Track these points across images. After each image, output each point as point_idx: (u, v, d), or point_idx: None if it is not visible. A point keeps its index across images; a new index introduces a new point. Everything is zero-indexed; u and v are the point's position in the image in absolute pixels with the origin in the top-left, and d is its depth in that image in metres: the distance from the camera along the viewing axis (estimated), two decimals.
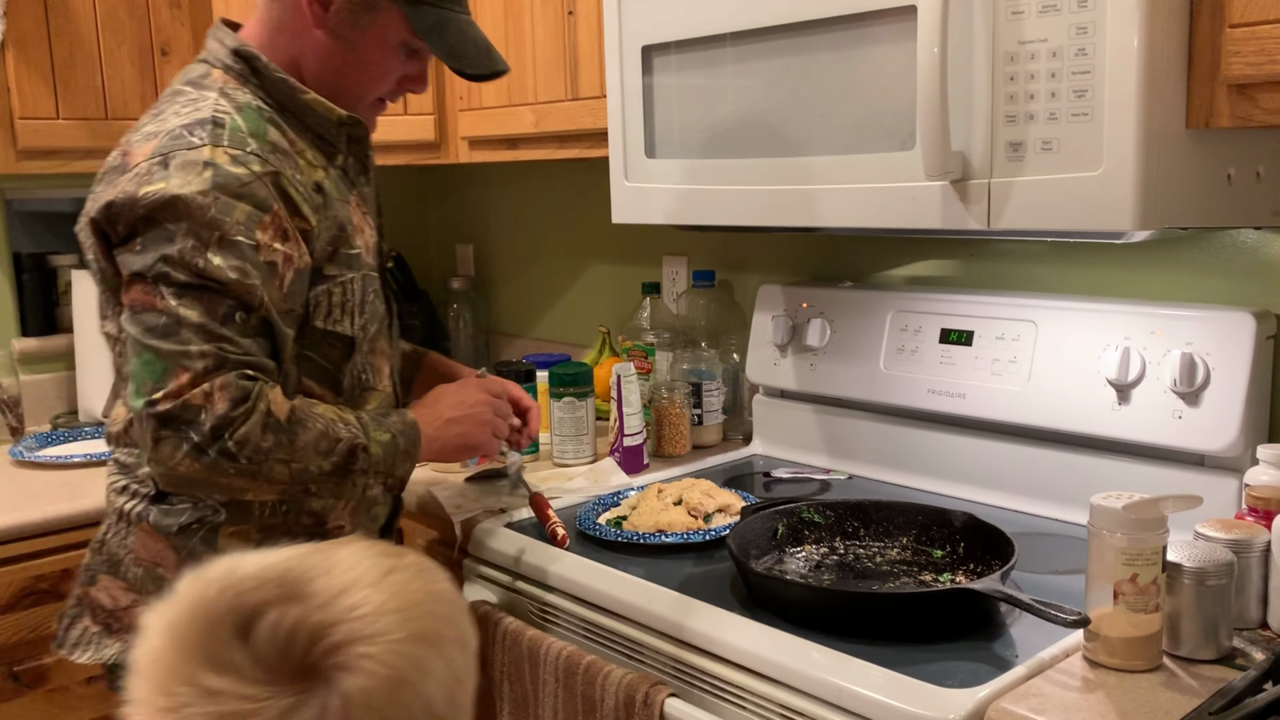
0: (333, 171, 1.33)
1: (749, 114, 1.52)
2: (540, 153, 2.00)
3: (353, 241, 1.32)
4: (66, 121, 2.10)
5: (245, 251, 1.18)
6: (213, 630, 0.60)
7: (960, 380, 1.64)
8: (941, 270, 1.81)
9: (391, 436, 1.28)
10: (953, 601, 1.21)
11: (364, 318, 1.33)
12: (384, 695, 0.60)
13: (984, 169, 1.26)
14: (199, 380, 1.15)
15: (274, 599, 0.61)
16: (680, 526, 1.52)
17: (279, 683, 0.59)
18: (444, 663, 0.64)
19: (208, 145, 1.19)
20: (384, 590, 0.63)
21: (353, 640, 0.60)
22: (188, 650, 0.60)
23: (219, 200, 1.17)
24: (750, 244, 2.12)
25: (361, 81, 1.32)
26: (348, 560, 0.64)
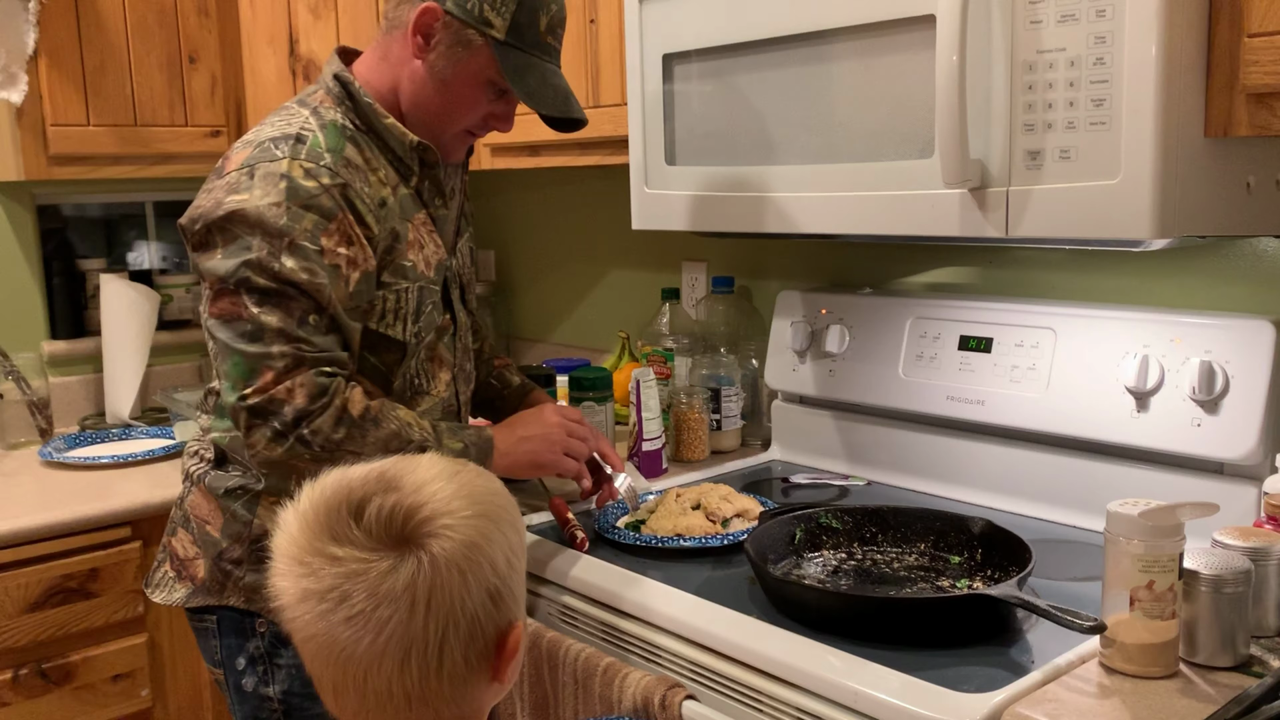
0: (403, 190, 1.43)
1: (768, 121, 1.54)
2: (561, 159, 2.02)
3: (406, 254, 1.41)
4: (97, 128, 2.14)
5: (311, 255, 1.30)
6: (333, 514, 0.80)
7: (979, 387, 1.64)
8: (961, 277, 1.82)
9: (464, 446, 1.39)
10: (969, 607, 1.22)
11: (418, 325, 1.44)
12: (460, 554, 0.80)
13: (1002, 177, 1.26)
14: (281, 378, 1.29)
15: (376, 490, 0.81)
16: (698, 531, 1.53)
17: (383, 549, 0.79)
18: (502, 535, 0.83)
19: (286, 159, 1.33)
20: (455, 483, 0.83)
21: (435, 516, 0.80)
22: (316, 530, 0.80)
23: (290, 209, 1.30)
24: (769, 250, 2.13)
25: (449, 112, 1.42)
26: (426, 463, 0.85)
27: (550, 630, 1.43)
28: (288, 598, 0.80)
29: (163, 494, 1.93)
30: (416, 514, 0.79)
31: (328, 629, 0.78)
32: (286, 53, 2.24)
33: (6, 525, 1.77)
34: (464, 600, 0.79)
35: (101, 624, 1.87)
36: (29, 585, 1.79)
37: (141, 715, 1.93)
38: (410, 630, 0.78)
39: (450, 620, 0.79)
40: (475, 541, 0.80)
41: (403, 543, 0.79)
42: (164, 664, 1.95)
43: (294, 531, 0.81)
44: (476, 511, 0.82)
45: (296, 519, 0.81)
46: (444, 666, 0.79)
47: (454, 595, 0.79)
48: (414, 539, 0.79)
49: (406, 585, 0.77)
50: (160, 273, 2.67)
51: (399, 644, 0.78)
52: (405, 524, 0.79)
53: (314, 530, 0.80)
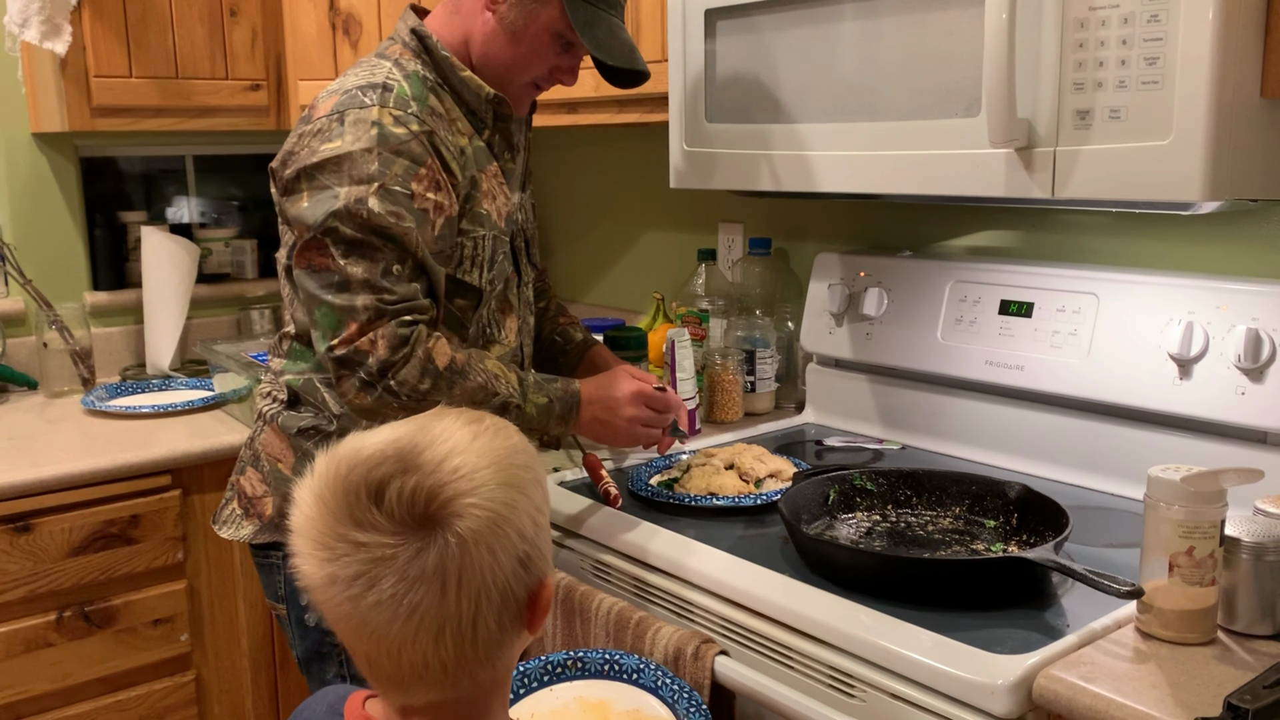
0: (477, 141, 1.47)
1: (811, 79, 1.52)
2: (600, 117, 2.01)
3: (482, 203, 1.45)
4: (139, 80, 2.15)
5: (401, 199, 1.34)
6: (353, 499, 0.77)
7: (1019, 352, 1.63)
8: (1002, 241, 1.80)
9: (549, 401, 1.43)
10: (1004, 570, 1.21)
11: (491, 273, 1.48)
12: (487, 530, 0.78)
13: (1050, 137, 1.24)
14: (365, 329, 1.33)
15: (395, 471, 0.77)
16: (731, 490, 1.53)
17: (408, 532, 0.76)
18: (526, 499, 0.81)
19: (375, 106, 1.36)
20: (474, 453, 0.80)
21: (459, 495, 0.77)
22: (336, 514, 0.77)
23: (381, 155, 1.33)
24: (807, 211, 2.11)
25: (518, 64, 1.45)
26: (443, 432, 0.81)
27: (583, 584, 1.44)
28: (313, 580, 0.78)
29: (202, 444, 1.96)
30: (439, 495, 0.77)
31: (357, 612, 0.77)
32: (326, 7, 2.23)
33: (51, 471, 1.80)
34: (495, 572, 0.78)
35: (143, 569, 1.90)
36: (73, 530, 1.82)
37: (180, 660, 1.97)
38: (443, 609, 0.77)
39: (483, 593, 0.78)
40: (501, 514, 0.79)
41: (427, 524, 0.76)
42: (203, 610, 1.99)
43: (312, 513, 0.79)
44: (499, 481, 0.80)
45: (314, 500, 0.79)
46: (478, 636, 0.79)
47: (484, 570, 0.78)
48: (439, 520, 0.77)
49: (436, 567, 0.76)
50: (200, 227, 2.69)
51: (432, 622, 0.77)
52: (429, 505, 0.77)
53: (334, 514, 0.77)
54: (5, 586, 1.77)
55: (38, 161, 2.36)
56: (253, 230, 2.76)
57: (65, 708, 1.86)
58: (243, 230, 2.75)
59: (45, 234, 2.39)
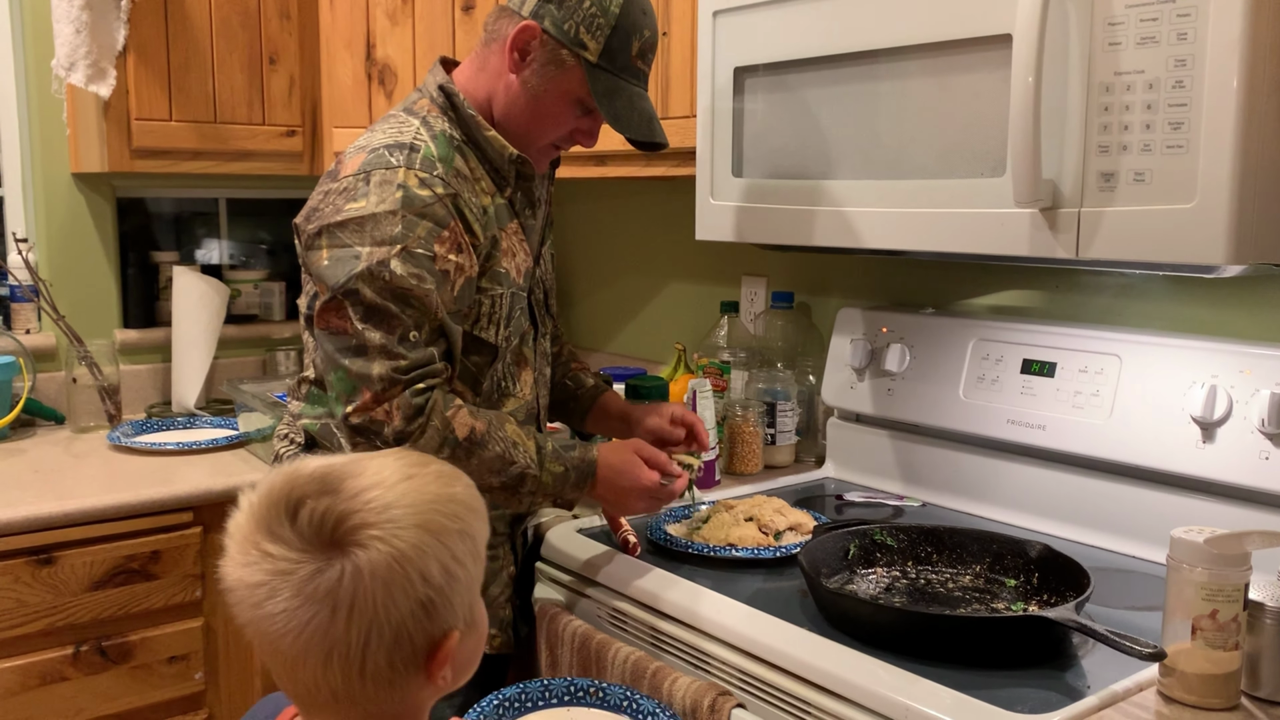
0: (499, 200, 1.48)
1: (838, 136, 1.54)
2: (628, 170, 2.04)
3: (501, 261, 1.47)
4: (178, 124, 2.20)
5: (423, 261, 1.35)
6: (272, 511, 0.81)
7: (1041, 412, 1.63)
8: (1025, 300, 1.81)
9: (565, 470, 1.43)
10: (1025, 629, 1.21)
11: (508, 330, 1.49)
12: (384, 566, 0.79)
13: (1074, 198, 1.26)
14: (380, 398, 1.33)
15: (314, 492, 0.81)
16: (751, 542, 1.53)
17: (312, 551, 0.79)
18: (441, 546, 0.82)
19: (402, 168, 1.37)
20: (397, 491, 0.82)
21: (364, 526, 0.80)
22: (256, 523, 0.81)
23: (406, 218, 1.35)
24: (831, 266, 2.13)
25: (538, 126, 1.47)
26: (374, 466, 0.84)
27: (600, 633, 1.44)
28: (227, 581, 0.82)
29: (224, 481, 1.97)
30: (346, 521, 0.80)
31: (256, 619, 0.80)
32: (364, 57, 2.28)
33: (75, 504, 1.82)
34: (389, 610, 0.80)
35: (160, 606, 1.91)
36: (94, 564, 1.83)
37: (194, 698, 1.96)
38: (331, 633, 0.79)
39: (373, 627, 0.79)
40: (404, 553, 0.80)
41: (331, 547, 0.79)
42: (218, 649, 1.99)
43: (241, 519, 0.82)
44: (413, 523, 0.81)
45: (246, 506, 0.83)
46: (366, 669, 0.80)
47: (377, 605, 0.79)
48: (341, 545, 0.79)
49: (328, 590, 0.78)
50: (230, 268, 2.74)
51: (320, 644, 0.79)
52: (335, 530, 0.79)
53: (255, 522, 0.81)
54: (25, 619, 1.78)
55: (75, 201, 2.41)
56: (281, 273, 2.80)
57: None
58: (271, 273, 2.79)
59: (80, 271, 2.43)
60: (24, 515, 1.77)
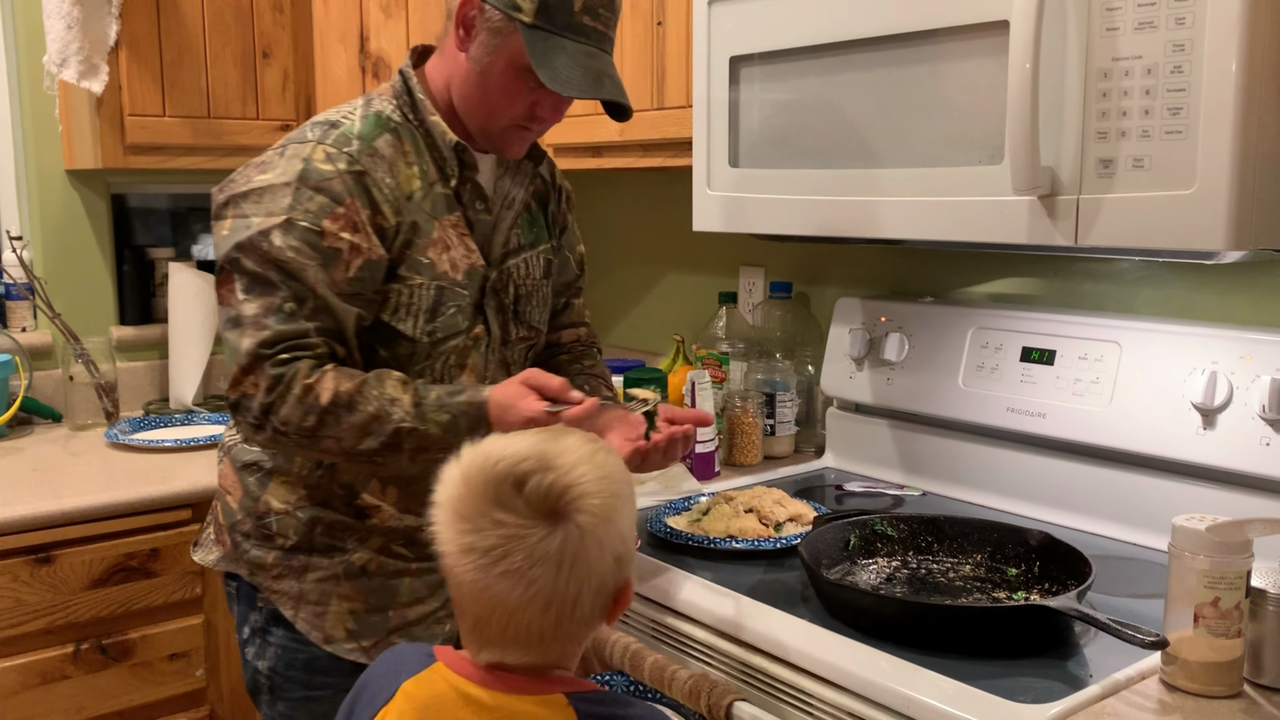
0: (441, 189, 1.41)
1: (835, 125, 1.53)
2: (624, 161, 2.03)
3: (426, 251, 1.39)
4: (172, 119, 2.18)
5: (307, 235, 1.31)
6: (499, 484, 0.94)
7: (1041, 400, 1.62)
8: (1024, 288, 1.80)
9: (452, 418, 1.32)
10: (1027, 618, 1.20)
11: (433, 325, 1.40)
12: (600, 527, 0.95)
13: (1073, 185, 1.25)
14: (246, 371, 1.30)
15: (537, 468, 0.94)
16: (751, 533, 1.53)
17: (539, 519, 0.93)
18: (628, 509, 1.00)
19: (313, 142, 1.35)
20: (594, 464, 0.97)
21: (585, 495, 0.94)
22: (482, 494, 0.94)
23: (299, 190, 1.32)
24: (829, 256, 2.12)
25: (492, 105, 1.38)
26: (573, 446, 0.98)
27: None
28: (451, 547, 0.94)
29: None
30: (569, 491, 0.93)
31: (485, 579, 0.92)
32: (357, 50, 2.27)
33: (73, 503, 1.81)
34: (599, 563, 0.94)
35: (160, 603, 1.90)
36: (92, 562, 1.83)
37: (195, 695, 1.96)
38: (556, 586, 0.92)
39: (586, 579, 0.94)
40: (611, 517, 0.95)
41: (555, 515, 0.92)
42: (219, 646, 1.98)
43: (457, 491, 0.95)
44: (611, 491, 0.96)
45: (462, 479, 0.95)
46: (575, 614, 0.95)
47: (592, 560, 0.94)
48: (565, 512, 0.93)
49: (559, 550, 0.92)
50: None
51: (544, 596, 0.92)
52: (560, 499, 0.93)
53: (480, 494, 0.93)
54: (25, 618, 1.78)
55: (70, 198, 2.40)
56: None
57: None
58: None
59: (75, 269, 2.42)
60: (22, 514, 1.76)
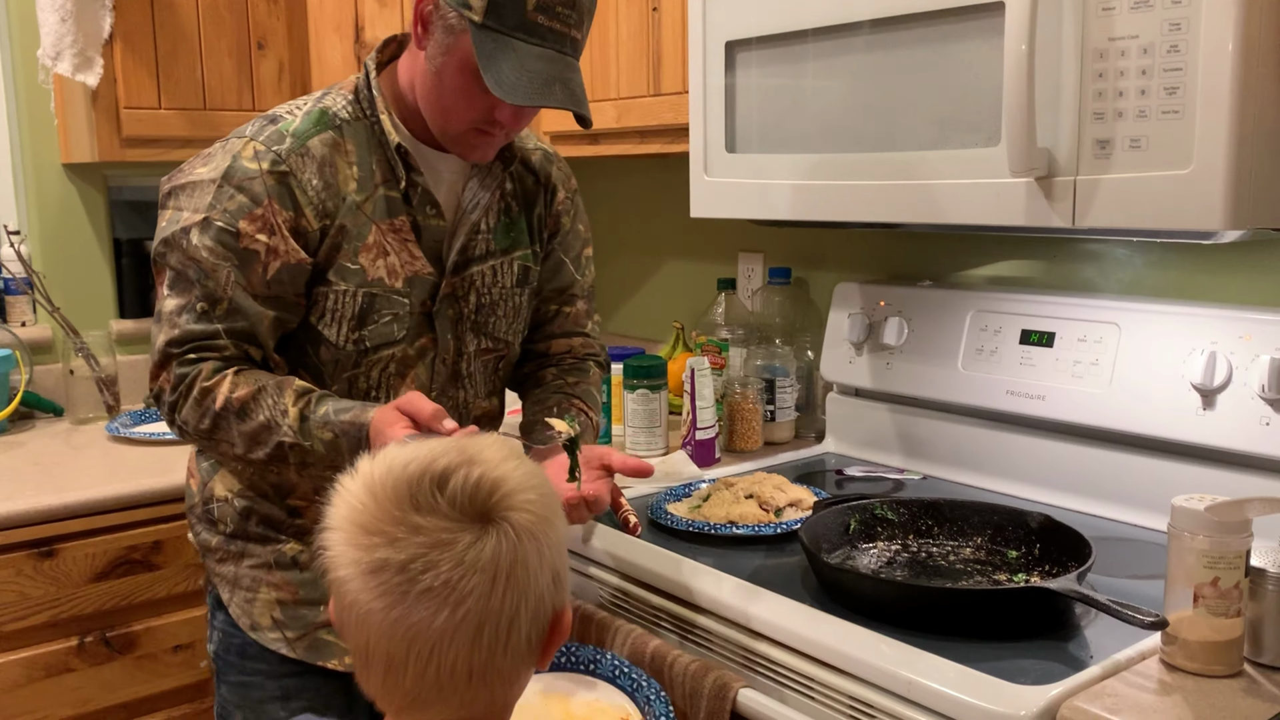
0: (385, 191, 1.35)
1: (831, 109, 1.53)
2: (621, 148, 2.03)
3: (356, 256, 1.34)
4: (167, 111, 2.18)
5: (222, 235, 1.29)
6: (415, 485, 0.79)
7: (1040, 382, 1.62)
8: (1023, 271, 1.80)
9: (335, 436, 1.27)
10: (1027, 600, 1.20)
11: (361, 333, 1.36)
12: (539, 529, 0.81)
13: (1070, 166, 1.25)
14: (160, 367, 1.32)
15: (460, 462, 0.81)
16: (751, 519, 1.53)
17: (466, 520, 0.79)
18: (561, 518, 0.86)
19: (246, 139, 1.32)
20: (521, 462, 0.85)
21: (518, 491, 0.81)
22: (395, 499, 0.79)
23: (222, 188, 1.29)
24: (827, 241, 2.12)
25: (446, 107, 1.30)
26: (496, 444, 0.86)
27: (600, 612, 1.44)
28: (356, 569, 0.78)
29: None
30: (501, 486, 0.80)
31: (401, 604, 0.76)
32: (352, 39, 2.27)
33: (75, 496, 1.82)
34: (537, 576, 0.80)
35: (164, 595, 1.91)
36: (95, 555, 1.83)
37: (201, 686, 1.97)
38: (489, 604, 0.77)
39: (523, 596, 0.79)
40: (549, 517, 0.83)
41: (485, 515, 0.79)
42: None
43: (362, 502, 0.79)
44: (544, 492, 0.84)
45: (364, 488, 0.80)
46: (510, 644, 0.80)
47: (531, 569, 0.80)
48: (497, 511, 0.79)
49: (492, 556, 0.78)
50: None
51: (475, 617, 0.77)
52: (490, 496, 0.79)
53: (392, 500, 0.78)
54: (28, 612, 1.78)
55: (67, 192, 2.40)
56: None
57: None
58: None
59: (73, 262, 2.42)
60: (24, 508, 1.77)
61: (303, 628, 1.42)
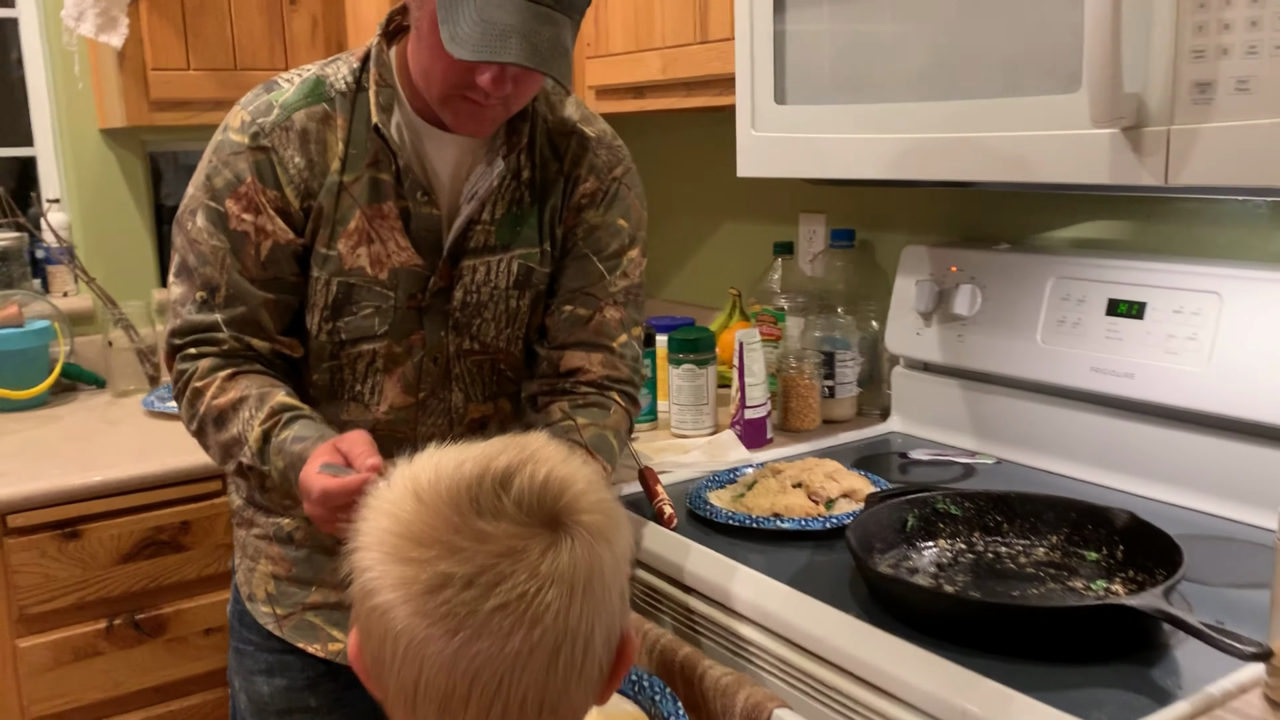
0: (374, 174, 1.24)
1: (891, 54, 1.36)
2: (667, 101, 1.88)
3: (334, 242, 1.24)
4: (197, 72, 2.10)
5: (214, 217, 1.22)
6: (476, 487, 0.69)
7: (1129, 358, 1.45)
8: (1112, 233, 1.61)
9: (286, 465, 1.17)
10: (1103, 618, 1.05)
11: (334, 324, 1.27)
12: (611, 529, 0.72)
13: (1163, 114, 1.07)
14: (169, 358, 1.27)
15: (521, 460, 0.71)
16: (798, 511, 1.39)
17: (536, 525, 0.68)
18: (628, 523, 0.77)
19: (240, 106, 1.24)
20: (588, 465, 0.75)
21: (588, 491, 0.72)
22: (453, 507, 0.68)
23: (212, 163, 1.23)
24: (894, 200, 1.95)
25: (424, 69, 1.17)
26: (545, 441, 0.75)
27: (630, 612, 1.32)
28: (408, 590, 0.66)
29: None
30: (570, 486, 0.71)
31: (468, 622, 0.65)
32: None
33: (100, 476, 1.77)
34: (613, 588, 0.71)
35: (193, 577, 1.85)
36: (120, 536, 1.78)
37: None
38: (568, 620, 0.67)
39: (598, 612, 0.69)
40: (619, 523, 0.73)
41: (555, 519, 0.69)
42: None
43: (409, 508, 0.69)
44: (611, 494, 0.75)
45: (409, 494, 0.69)
46: (584, 669, 0.69)
47: (606, 582, 0.70)
48: (568, 514, 0.69)
49: (569, 565, 0.68)
50: None
51: (553, 637, 0.67)
52: (560, 496, 0.70)
53: (450, 506, 0.68)
54: (54, 594, 1.74)
55: (106, 158, 2.35)
56: None
57: (117, 717, 1.82)
58: None
59: (114, 231, 2.37)
60: (47, 488, 1.72)
61: (291, 606, 1.35)
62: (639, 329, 1.38)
